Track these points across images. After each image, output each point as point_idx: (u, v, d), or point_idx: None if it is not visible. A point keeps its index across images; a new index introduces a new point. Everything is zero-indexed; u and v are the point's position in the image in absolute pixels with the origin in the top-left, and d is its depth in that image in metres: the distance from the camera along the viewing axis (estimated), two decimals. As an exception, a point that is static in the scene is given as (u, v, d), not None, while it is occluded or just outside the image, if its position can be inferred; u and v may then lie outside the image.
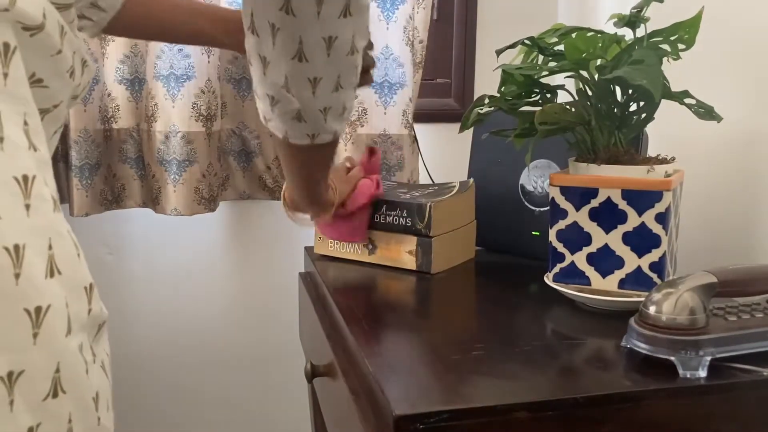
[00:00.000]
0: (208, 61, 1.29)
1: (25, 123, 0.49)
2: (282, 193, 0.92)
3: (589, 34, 0.77)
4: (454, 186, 1.03)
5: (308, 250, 1.07)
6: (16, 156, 0.48)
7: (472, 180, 1.04)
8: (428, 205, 0.92)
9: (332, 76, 0.61)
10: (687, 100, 0.75)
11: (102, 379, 0.51)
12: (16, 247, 0.46)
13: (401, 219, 0.94)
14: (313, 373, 0.81)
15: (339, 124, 0.67)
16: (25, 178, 0.48)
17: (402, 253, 0.94)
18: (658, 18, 0.77)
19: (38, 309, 0.46)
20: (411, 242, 0.94)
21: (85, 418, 0.48)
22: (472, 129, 1.06)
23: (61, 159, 1.32)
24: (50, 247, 0.48)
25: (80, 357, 0.48)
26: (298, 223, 0.93)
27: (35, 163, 0.49)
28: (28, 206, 0.48)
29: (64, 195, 1.33)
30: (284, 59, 0.59)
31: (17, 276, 0.45)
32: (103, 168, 1.33)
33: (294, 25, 0.57)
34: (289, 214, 0.92)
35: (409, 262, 0.94)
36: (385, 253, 0.96)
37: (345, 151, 1.37)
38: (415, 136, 1.34)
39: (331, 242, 1.01)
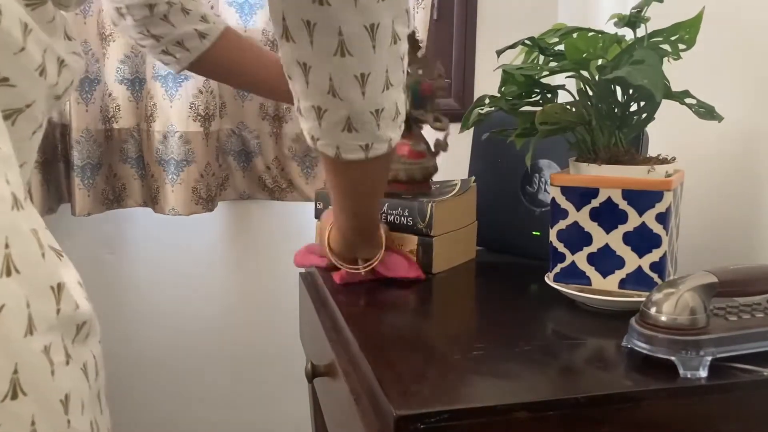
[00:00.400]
0: (208, 61, 1.29)
1: None
2: (326, 239, 0.86)
3: (590, 34, 0.77)
4: (456, 184, 1.02)
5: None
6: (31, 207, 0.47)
7: (473, 178, 1.04)
8: (430, 204, 0.91)
9: (380, 71, 0.57)
10: (687, 100, 0.75)
11: (78, 381, 0.49)
12: None
13: (402, 218, 0.93)
14: (313, 373, 0.81)
15: (393, 130, 0.61)
16: None
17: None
18: (658, 18, 0.77)
19: None
20: (412, 242, 0.93)
21: (51, 420, 0.47)
22: (472, 129, 1.06)
23: (62, 159, 1.32)
24: (6, 246, 0.46)
25: (44, 358, 0.46)
26: (347, 278, 0.86)
27: None
28: None
29: (65, 195, 1.33)
30: (326, 58, 0.55)
31: None
32: (105, 168, 1.33)
33: (331, 17, 0.53)
34: (339, 263, 0.85)
35: None
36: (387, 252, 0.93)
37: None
38: (415, 136, 1.34)
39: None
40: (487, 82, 1.46)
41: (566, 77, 0.81)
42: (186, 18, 0.89)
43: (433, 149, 0.95)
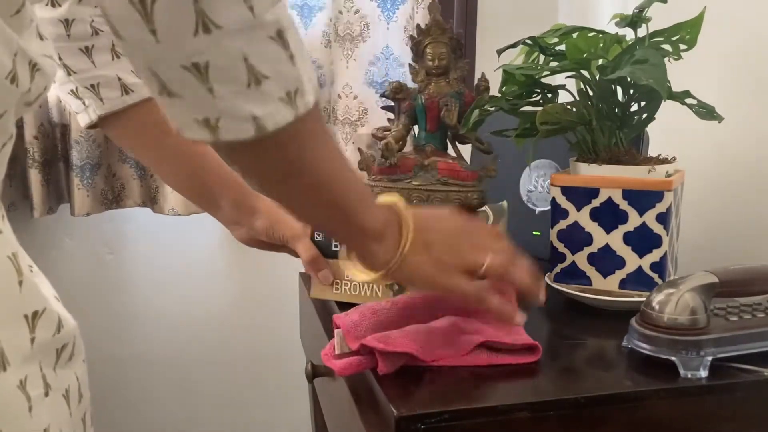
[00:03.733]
0: (209, 61, 1.29)
1: None
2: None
3: (591, 34, 0.77)
4: (487, 213, 0.83)
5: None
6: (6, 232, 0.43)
7: (505, 203, 0.90)
8: None
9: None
10: (688, 100, 0.75)
11: (58, 412, 0.46)
12: None
13: None
14: (313, 374, 0.81)
15: (256, 102, 0.41)
16: None
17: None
18: (659, 18, 0.77)
19: None
20: None
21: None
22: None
23: (61, 159, 1.31)
24: None
25: (20, 394, 0.42)
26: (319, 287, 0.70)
27: None
28: None
29: (64, 195, 1.33)
30: None
31: None
32: (104, 168, 1.33)
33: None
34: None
35: None
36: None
37: (345, 151, 1.37)
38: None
39: (336, 283, 0.77)
40: (487, 82, 1.46)
41: (566, 77, 0.81)
42: (114, 61, 0.70)
43: (480, 173, 0.79)
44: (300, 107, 0.43)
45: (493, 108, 0.81)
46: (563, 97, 0.82)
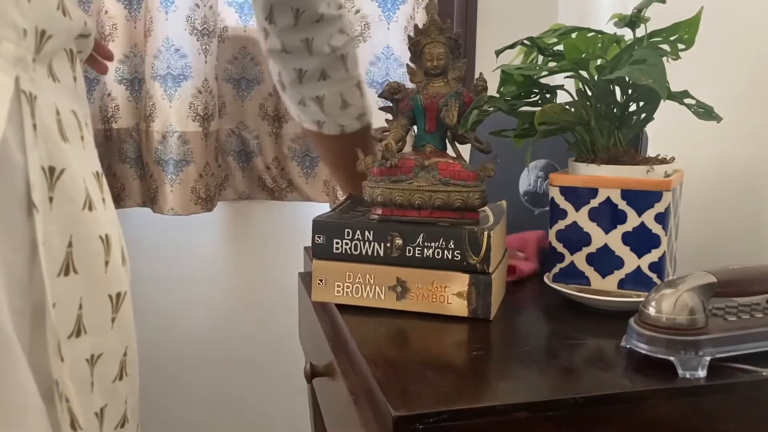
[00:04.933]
0: (206, 61, 1.29)
1: (86, 124, 0.55)
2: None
3: (589, 34, 0.77)
4: (487, 213, 0.84)
5: (307, 250, 1.06)
6: (93, 155, 0.55)
7: (504, 202, 0.91)
8: (485, 233, 0.72)
9: None
10: (686, 100, 0.75)
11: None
12: (107, 236, 0.52)
13: (445, 252, 0.73)
14: (312, 374, 0.81)
15: None
16: (99, 174, 0.55)
17: (448, 296, 0.74)
18: (657, 18, 0.77)
19: (118, 295, 0.51)
20: (460, 282, 0.73)
21: (134, 397, 0.53)
22: (471, 129, 1.05)
23: (60, 159, 1.32)
24: (120, 238, 0.55)
25: (136, 343, 0.53)
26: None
27: (98, 161, 0.55)
28: (104, 200, 0.54)
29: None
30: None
31: (106, 264, 0.50)
32: (103, 168, 1.33)
33: None
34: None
35: (459, 308, 0.73)
36: (420, 296, 0.75)
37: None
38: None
39: (338, 286, 0.78)
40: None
41: (565, 77, 0.81)
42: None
43: (479, 173, 0.79)
44: (363, 123, 0.93)
45: (492, 108, 0.81)
46: (562, 98, 0.82)
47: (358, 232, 0.76)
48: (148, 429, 1.50)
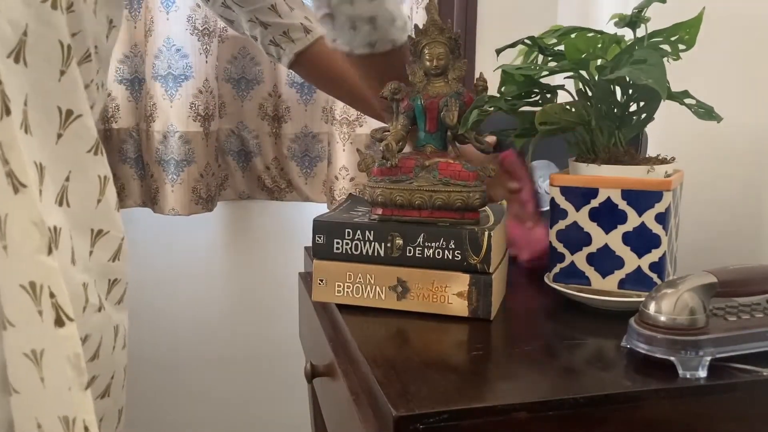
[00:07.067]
0: (206, 61, 1.29)
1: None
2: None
3: (589, 34, 0.77)
4: (487, 213, 0.83)
5: (308, 250, 1.06)
6: (104, 159, 0.63)
7: (504, 202, 0.91)
8: (485, 232, 0.73)
9: None
10: (687, 100, 0.75)
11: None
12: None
13: (446, 252, 0.73)
14: (312, 373, 0.81)
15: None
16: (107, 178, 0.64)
17: (448, 296, 0.74)
18: (658, 18, 0.77)
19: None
20: (460, 282, 0.73)
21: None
22: (471, 129, 1.05)
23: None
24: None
25: (83, 293, 0.63)
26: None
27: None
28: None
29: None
30: None
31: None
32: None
33: None
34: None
35: (459, 308, 0.73)
36: (421, 296, 0.75)
37: (344, 151, 1.37)
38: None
39: (338, 286, 0.78)
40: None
41: (565, 77, 0.81)
42: (291, 12, 0.97)
43: (480, 173, 0.78)
44: (408, 33, 0.83)
45: (492, 108, 0.81)
46: (562, 98, 0.82)
47: (359, 232, 0.76)
48: (148, 429, 1.51)
